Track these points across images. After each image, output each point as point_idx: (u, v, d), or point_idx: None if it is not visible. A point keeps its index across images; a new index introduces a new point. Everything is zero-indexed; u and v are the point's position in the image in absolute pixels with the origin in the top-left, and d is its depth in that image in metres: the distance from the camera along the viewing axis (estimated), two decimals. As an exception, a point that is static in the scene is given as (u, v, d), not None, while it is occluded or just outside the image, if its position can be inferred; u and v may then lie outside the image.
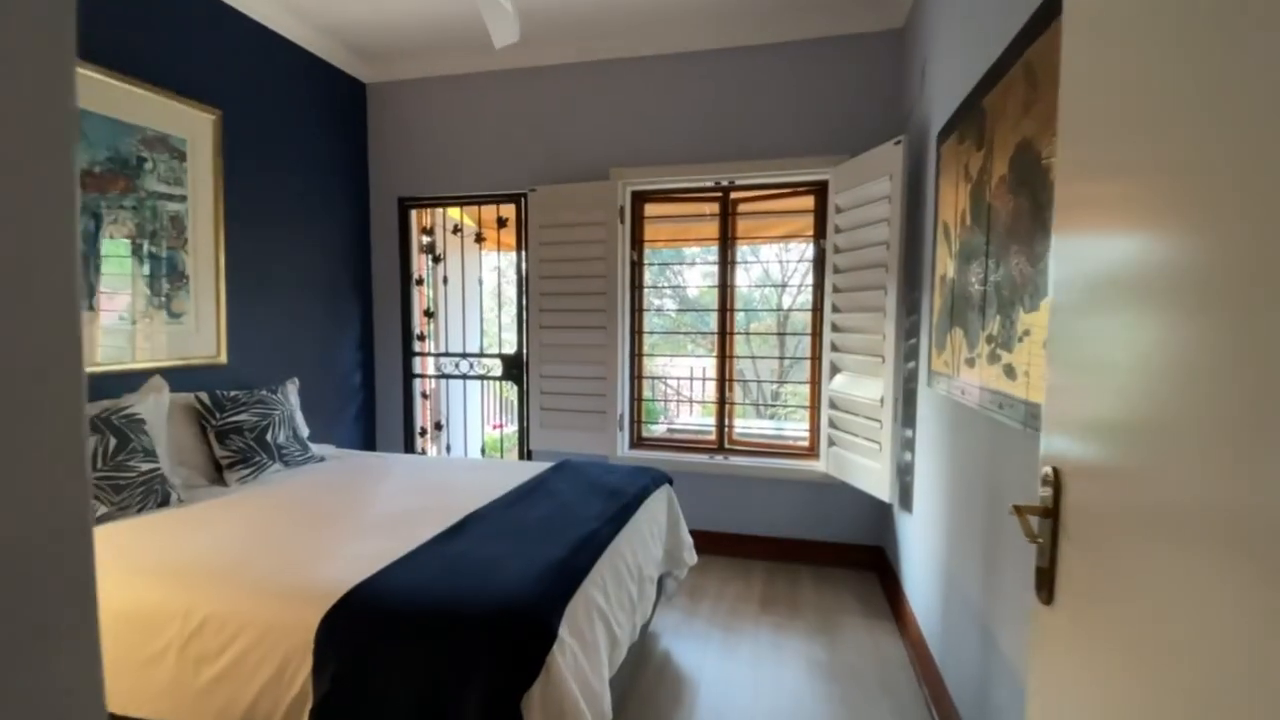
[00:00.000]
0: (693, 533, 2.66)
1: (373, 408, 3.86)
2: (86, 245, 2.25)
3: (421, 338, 3.82)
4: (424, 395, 3.88)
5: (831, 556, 3.16)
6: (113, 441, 2.00)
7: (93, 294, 2.28)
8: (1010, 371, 1.41)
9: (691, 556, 2.49)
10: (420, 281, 3.81)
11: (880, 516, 3.07)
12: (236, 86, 2.87)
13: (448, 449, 3.91)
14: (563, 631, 1.35)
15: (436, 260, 3.83)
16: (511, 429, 4.75)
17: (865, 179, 2.72)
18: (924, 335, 2.37)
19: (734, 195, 3.33)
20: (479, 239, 3.66)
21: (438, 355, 3.83)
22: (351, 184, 3.65)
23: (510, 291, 3.61)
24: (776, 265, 6.38)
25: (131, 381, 2.37)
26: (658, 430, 4.14)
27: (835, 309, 2.95)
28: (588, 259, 3.28)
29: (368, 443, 3.81)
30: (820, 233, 3.17)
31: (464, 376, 3.74)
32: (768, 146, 3.13)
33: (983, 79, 1.70)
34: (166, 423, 2.35)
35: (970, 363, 1.73)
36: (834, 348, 2.97)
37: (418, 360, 3.82)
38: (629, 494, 2.11)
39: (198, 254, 2.69)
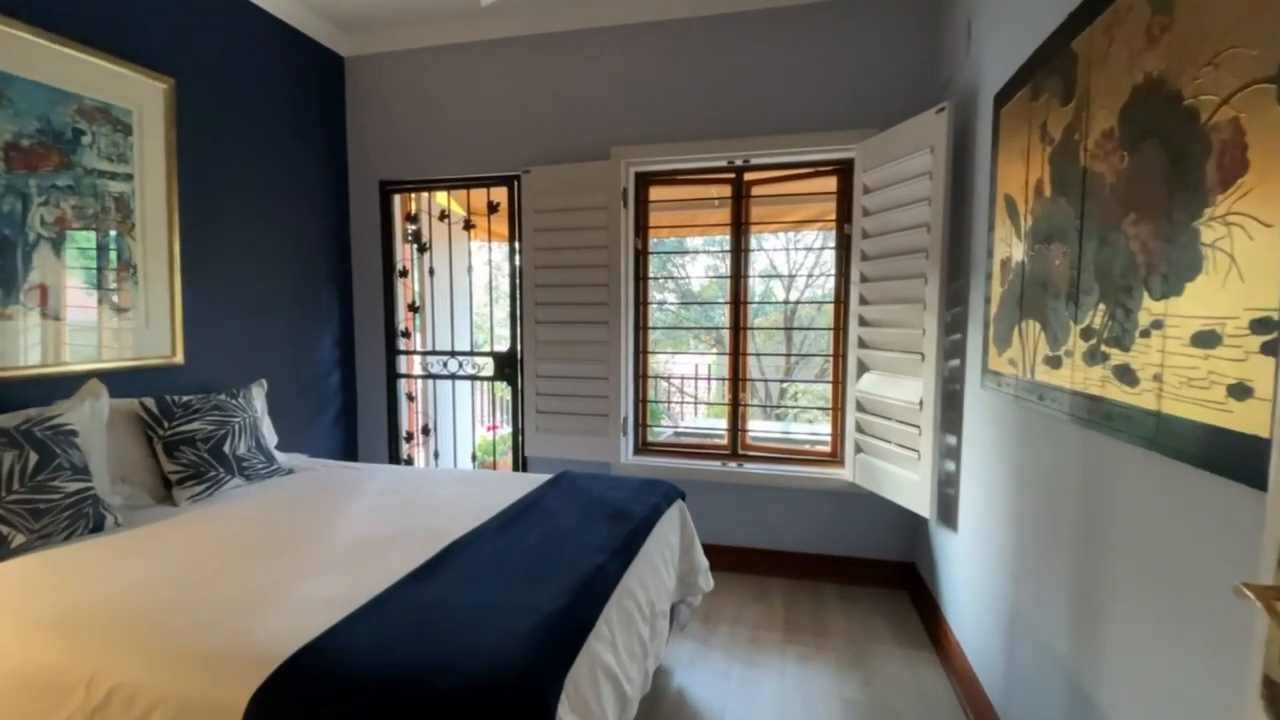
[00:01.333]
0: (706, 547, 2.37)
1: (353, 411, 3.55)
2: (13, 230, 1.94)
3: (406, 334, 3.52)
4: (410, 397, 3.58)
5: (858, 573, 2.87)
6: (33, 458, 1.70)
7: (20, 285, 1.97)
8: (1126, 375, 1.12)
9: (707, 582, 2.20)
10: (404, 273, 3.51)
11: (911, 530, 2.78)
12: (193, 54, 2.55)
13: (436, 456, 3.61)
14: (563, 709, 1.05)
15: (422, 249, 3.52)
16: (508, 431, 4.46)
17: (899, 154, 2.42)
18: (974, 330, 2.07)
19: (748, 177, 3.03)
20: (468, 226, 3.35)
21: (424, 354, 3.53)
22: (328, 166, 3.33)
23: (503, 284, 3.30)
24: (783, 255, 6.07)
25: (67, 387, 2.07)
26: (663, 434, 3.85)
27: (863, 300, 2.65)
28: (587, 247, 2.98)
29: (348, 450, 3.50)
30: (844, 216, 2.87)
31: (452, 376, 3.44)
32: (786, 120, 2.82)
33: (1070, 18, 1.40)
34: (105, 434, 2.05)
35: (1053, 362, 1.43)
36: (861, 343, 2.68)
37: (403, 359, 3.52)
38: (638, 516, 1.81)
39: (147, 240, 2.38)
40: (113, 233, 2.26)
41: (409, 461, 3.57)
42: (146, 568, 1.52)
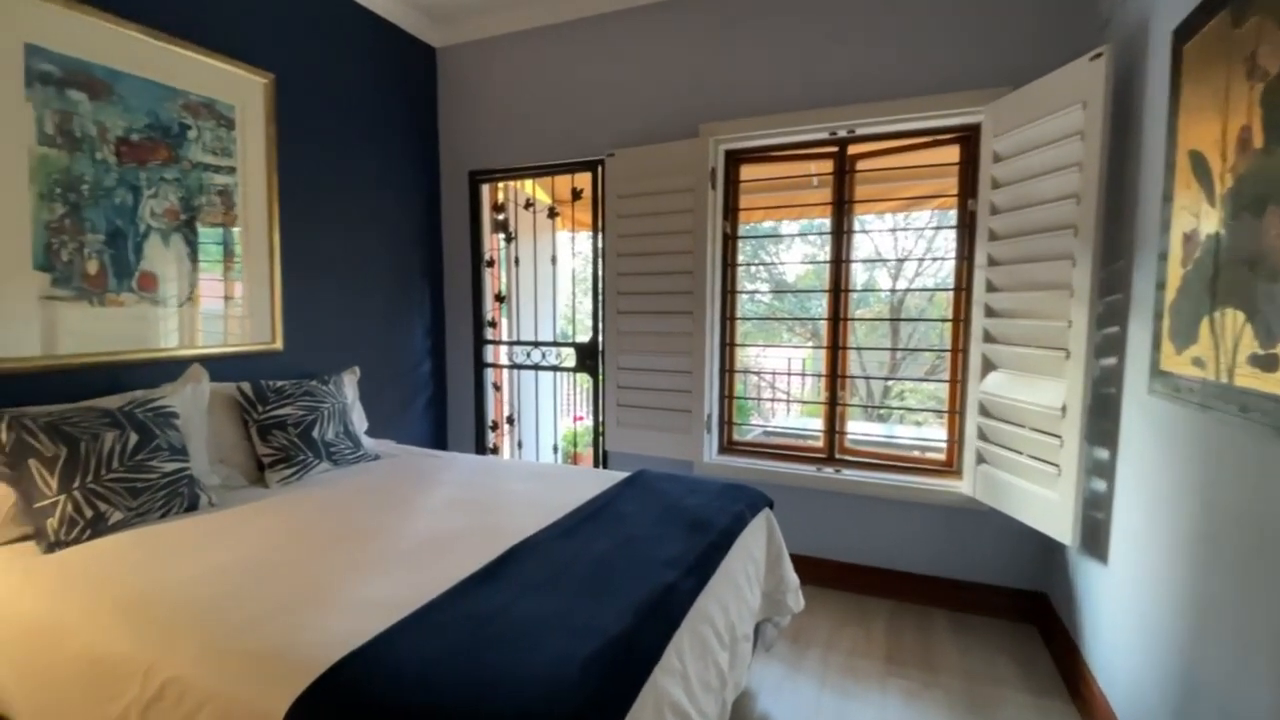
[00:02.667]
0: (796, 560, 2.13)
1: (443, 400, 3.60)
2: (124, 221, 2.06)
3: (493, 324, 3.51)
4: (496, 387, 3.57)
5: (975, 600, 2.51)
6: (133, 438, 1.77)
7: (132, 274, 2.09)
8: None
9: (797, 602, 1.97)
10: (491, 263, 3.50)
11: (1043, 555, 2.39)
12: (292, 50, 2.62)
13: (519, 445, 3.59)
14: (618, 760, 0.90)
15: (509, 239, 3.50)
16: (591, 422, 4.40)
17: (1040, 114, 2.04)
18: (1138, 322, 1.69)
19: (852, 150, 2.72)
20: (552, 214, 3.27)
21: (510, 344, 3.51)
22: (420, 158, 3.38)
23: (587, 272, 3.20)
24: (889, 237, 5.57)
25: (172, 370, 2.18)
26: (751, 433, 3.61)
27: (990, 288, 2.29)
28: (672, 233, 2.80)
29: (437, 437, 3.56)
30: (968, 190, 2.50)
31: (535, 367, 3.39)
32: (897, 83, 2.49)
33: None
34: (206, 416, 2.14)
35: (1265, 362, 1.09)
36: (988, 337, 2.31)
37: (489, 349, 3.52)
38: (718, 527, 1.62)
39: (249, 232, 2.48)
40: (217, 224, 2.36)
41: (494, 450, 3.58)
42: (222, 552, 1.53)
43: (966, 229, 2.50)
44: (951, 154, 2.57)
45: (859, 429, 3.58)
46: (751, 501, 1.85)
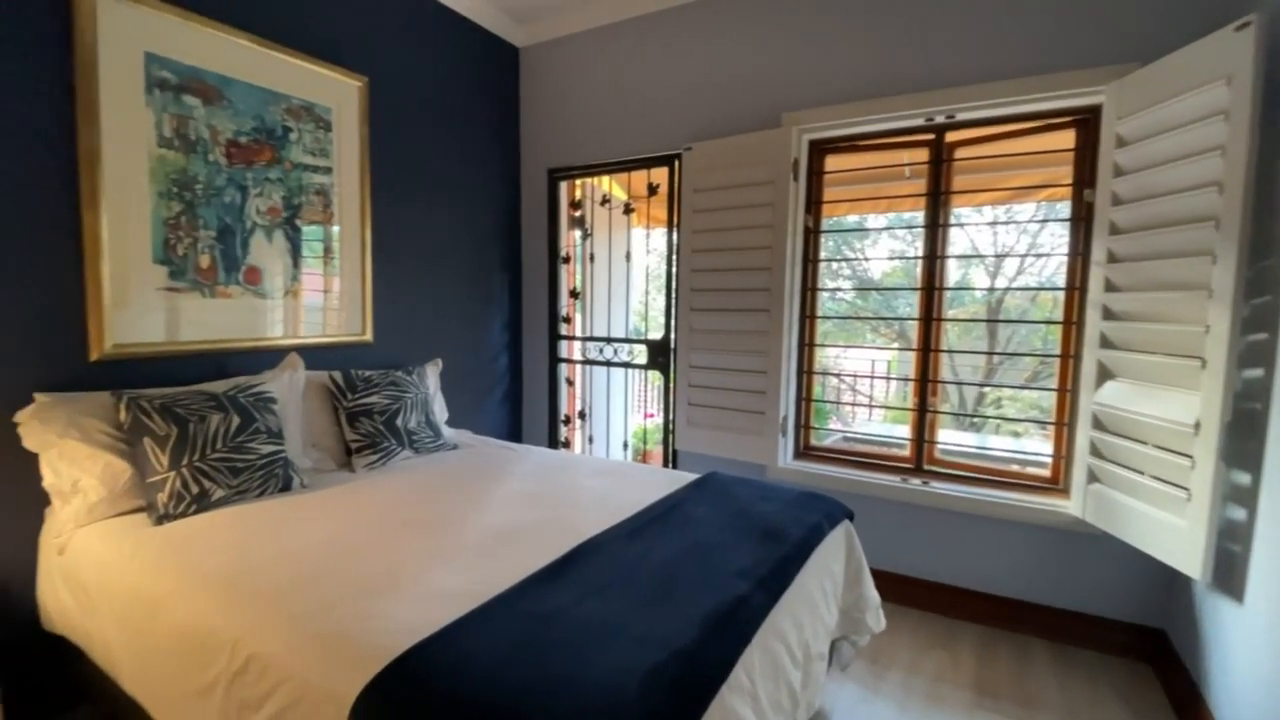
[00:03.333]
0: (878, 576, 2.01)
1: (519, 393, 3.68)
2: (233, 218, 2.21)
3: (568, 320, 3.54)
4: (569, 382, 3.61)
5: (1079, 632, 2.27)
6: (235, 421, 1.90)
7: (239, 267, 2.24)
8: None
9: (877, 621, 1.84)
10: (567, 259, 3.52)
11: (1164, 588, 2.12)
12: (384, 53, 2.74)
13: (590, 440, 3.60)
14: (679, 783, 0.85)
15: (585, 236, 3.51)
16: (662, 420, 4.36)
17: (1174, 93, 1.80)
18: (1300, 327, 1.46)
19: (951, 137, 2.52)
20: (628, 210, 3.26)
21: (583, 339, 3.52)
22: (501, 156, 3.45)
23: (661, 269, 3.15)
24: (987, 232, 5.16)
25: (272, 358, 2.32)
26: (829, 438, 3.45)
27: (1110, 287, 2.05)
28: (750, 227, 2.70)
29: (512, 429, 3.63)
30: (1085, 180, 2.25)
31: (607, 363, 3.39)
32: (1004, 62, 2.28)
33: None
34: (302, 402, 2.27)
35: None
36: (1105, 342, 2.07)
37: (563, 344, 3.55)
38: (793, 537, 1.53)
39: (344, 228, 2.61)
40: (316, 222, 2.50)
41: (566, 444, 3.61)
42: (308, 533, 1.60)
43: (1082, 222, 2.26)
44: (1065, 139, 2.33)
45: (950, 438, 3.34)
46: (830, 512, 1.75)
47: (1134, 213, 1.96)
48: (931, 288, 2.56)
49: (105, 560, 1.52)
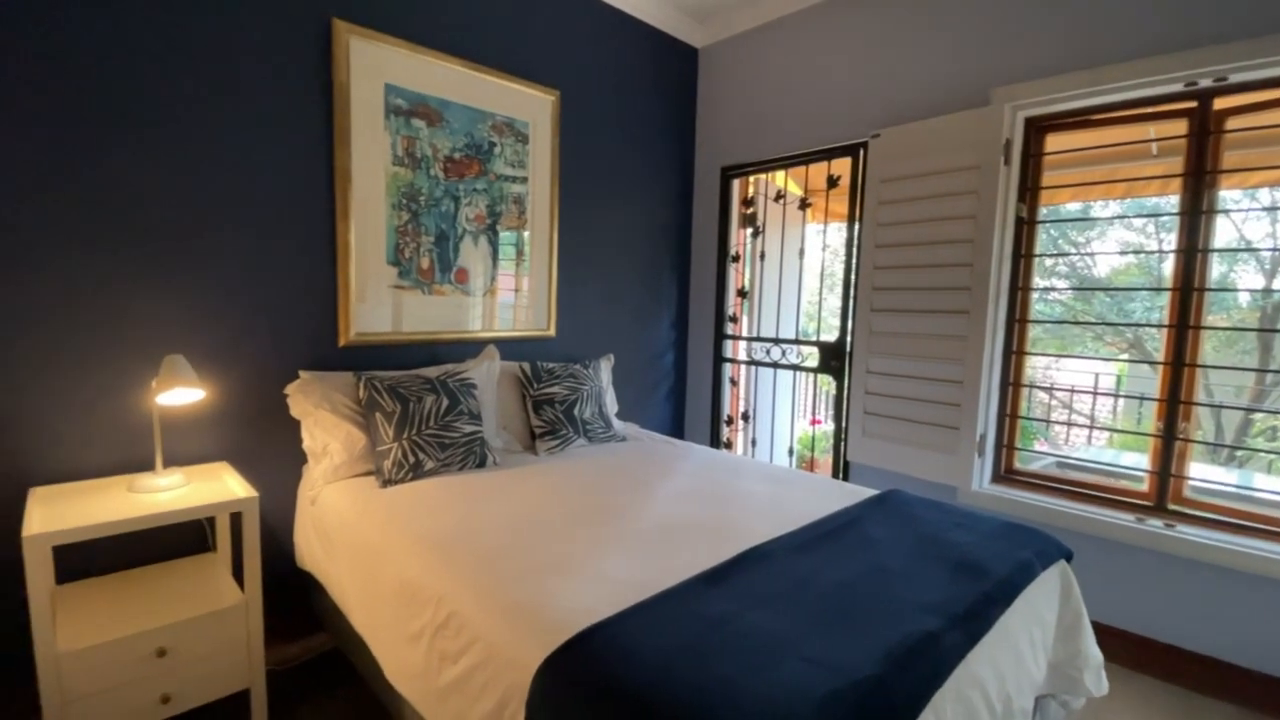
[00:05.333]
0: (1101, 630, 1.69)
1: (683, 391, 3.72)
2: (448, 225, 2.51)
3: (734, 319, 3.50)
4: (733, 382, 3.57)
5: None
6: (444, 402, 2.15)
7: (451, 269, 2.54)
8: None
9: (1098, 684, 1.55)
10: (737, 258, 3.48)
11: None
12: (573, 65, 2.92)
13: (753, 443, 3.53)
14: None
15: (756, 233, 3.44)
16: (830, 427, 4.13)
17: None
18: None
19: (1219, 104, 2.04)
20: (804, 205, 3.12)
21: (749, 339, 3.46)
22: (677, 156, 3.51)
23: (837, 268, 2.98)
24: (1264, 219, 4.11)
25: (473, 349, 2.60)
26: (1037, 462, 2.99)
27: None
28: (948, 219, 2.43)
29: (675, 426, 3.69)
30: None
31: (774, 365, 3.29)
32: (1317, 1, 1.78)
33: None
34: (496, 389, 2.51)
35: None
36: None
37: (729, 344, 3.52)
38: (995, 575, 1.34)
39: (535, 233, 2.83)
40: (512, 228, 2.75)
41: (728, 445, 3.58)
42: (501, 506, 1.76)
43: None
44: None
45: (1203, 473, 2.72)
46: (1042, 549, 1.50)
47: None
48: (1187, 288, 2.10)
49: (344, 514, 1.81)
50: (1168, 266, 2.16)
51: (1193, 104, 2.08)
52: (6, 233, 1.61)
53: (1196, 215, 2.08)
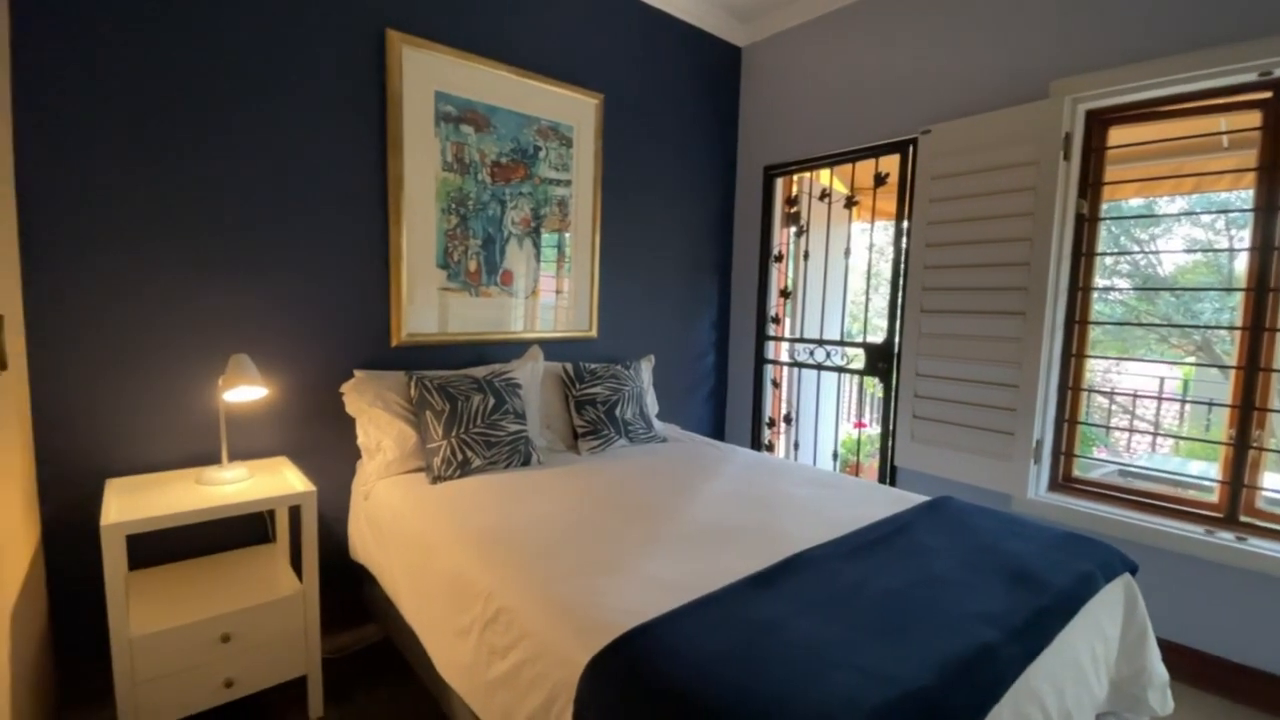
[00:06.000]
0: (1167, 648, 1.61)
1: (724, 392, 3.70)
2: (494, 229, 2.56)
3: (776, 320, 3.46)
4: (775, 384, 3.53)
5: None
6: (491, 401, 2.20)
7: (497, 271, 2.59)
8: None
9: (1163, 703, 1.48)
10: (780, 258, 3.44)
11: None
12: (616, 68, 2.93)
13: (795, 446, 3.48)
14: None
15: (800, 233, 3.39)
16: (876, 431, 4.04)
17: None
18: None
19: (1305, 91, 1.92)
20: (850, 204, 3.06)
21: (792, 340, 3.41)
22: (719, 156, 3.49)
23: (884, 268, 2.91)
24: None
25: (518, 349, 2.65)
26: (1098, 470, 2.87)
27: None
28: (1003, 216, 2.36)
29: (716, 428, 3.67)
30: None
31: (818, 366, 3.23)
32: None
33: None
34: (540, 389, 2.55)
35: None
36: None
37: (771, 345, 3.48)
38: (1055, 587, 1.29)
39: (576, 234, 2.86)
40: (555, 230, 2.78)
41: (769, 448, 3.54)
42: (546, 505, 1.79)
43: None
44: None
45: (1279, 484, 2.55)
46: (1105, 561, 1.44)
47: None
48: (1262, 288, 1.98)
49: (396, 508, 1.87)
50: (1240, 264, 2.04)
51: (1268, 94, 1.96)
52: (88, 245, 1.72)
53: (1273, 211, 1.96)
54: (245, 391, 1.78)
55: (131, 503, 1.59)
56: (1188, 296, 4.56)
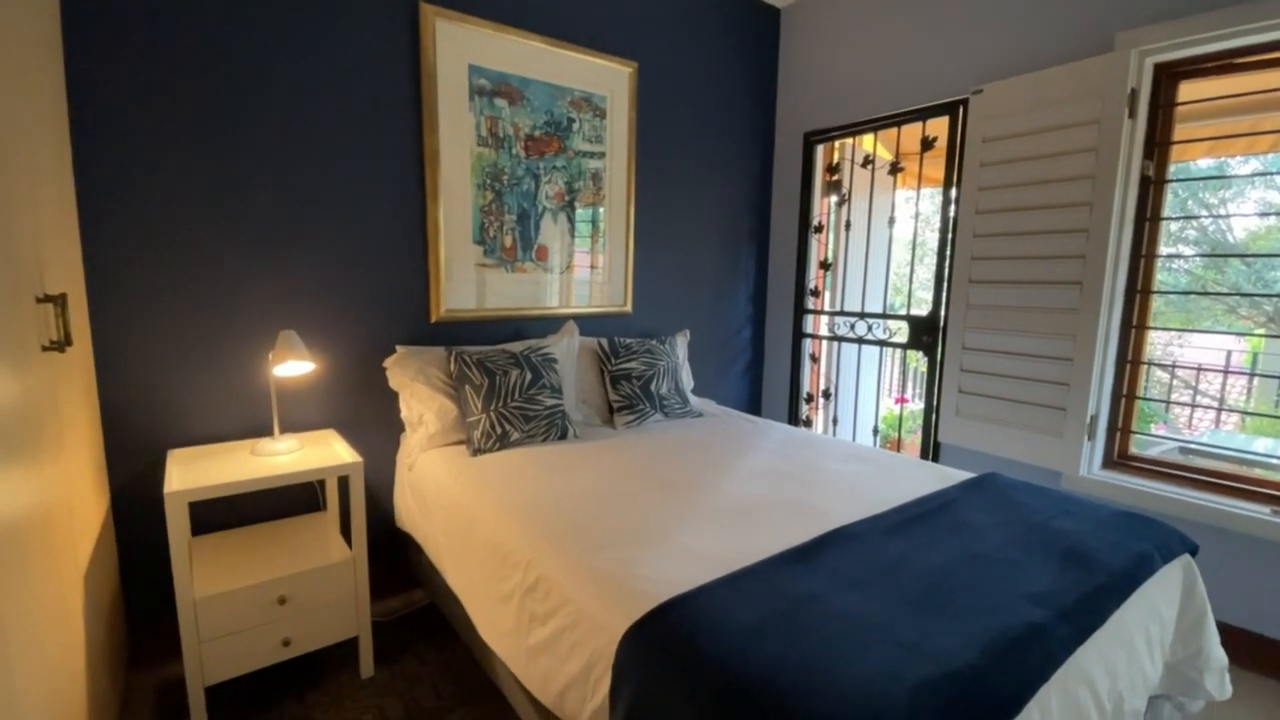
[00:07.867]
0: (1226, 631, 1.55)
1: (760, 367, 3.66)
2: (528, 204, 2.55)
3: (816, 293, 3.38)
4: (813, 358, 3.46)
5: None
6: (528, 376, 2.22)
7: (532, 246, 2.59)
8: None
9: (1220, 687, 1.43)
10: (820, 229, 3.35)
11: None
12: (649, 34, 2.86)
13: (834, 422, 3.43)
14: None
15: (841, 202, 3.29)
16: (917, 406, 3.94)
17: None
18: None
19: None
20: (894, 169, 2.94)
21: (832, 314, 3.34)
22: (756, 124, 3.39)
23: (930, 238, 2.80)
24: None
25: (553, 324, 2.66)
26: (1156, 447, 2.74)
27: None
28: (1061, 180, 2.23)
29: (752, 403, 3.64)
30: None
31: (860, 340, 3.16)
32: None
33: None
34: (575, 364, 2.56)
35: None
36: None
37: (809, 319, 3.41)
38: (1109, 566, 1.24)
39: (611, 208, 2.83)
40: (590, 204, 2.76)
41: (807, 423, 3.50)
42: (583, 477, 1.81)
43: None
44: None
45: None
46: (1163, 541, 1.38)
47: None
48: (1355, 253, 1.83)
49: (439, 479, 1.92)
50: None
51: (1371, 37, 1.79)
52: (145, 227, 1.79)
53: (1370, 168, 1.79)
54: (294, 366, 1.84)
55: (192, 472, 1.67)
56: (1260, 264, 4.26)
